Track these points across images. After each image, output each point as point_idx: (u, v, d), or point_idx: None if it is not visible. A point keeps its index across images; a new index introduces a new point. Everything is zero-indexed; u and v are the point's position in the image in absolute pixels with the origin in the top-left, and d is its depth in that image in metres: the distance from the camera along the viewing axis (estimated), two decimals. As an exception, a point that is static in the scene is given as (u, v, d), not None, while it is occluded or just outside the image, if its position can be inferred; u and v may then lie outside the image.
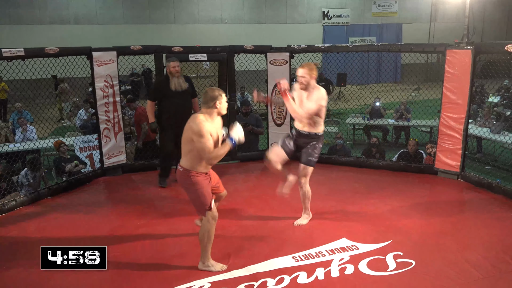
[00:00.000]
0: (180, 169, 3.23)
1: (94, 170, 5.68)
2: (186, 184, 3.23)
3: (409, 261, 3.41)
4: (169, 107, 5.00)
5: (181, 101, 4.98)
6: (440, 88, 5.36)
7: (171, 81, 4.94)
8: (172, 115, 4.96)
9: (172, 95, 4.93)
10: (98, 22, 16.30)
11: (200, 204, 3.25)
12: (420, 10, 19.87)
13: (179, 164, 3.27)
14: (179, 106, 4.96)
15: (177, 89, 4.94)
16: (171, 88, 4.92)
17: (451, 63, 5.15)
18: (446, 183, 5.24)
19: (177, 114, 4.92)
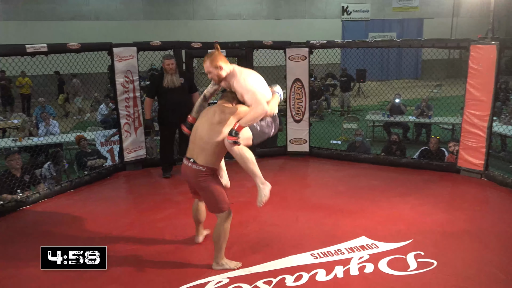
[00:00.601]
0: (193, 165, 3.03)
1: (115, 165, 5.75)
2: (200, 181, 3.04)
3: (430, 261, 3.35)
4: (163, 103, 5.16)
5: (175, 98, 5.05)
6: (463, 84, 5.24)
7: (164, 78, 5.05)
8: (168, 112, 5.11)
9: (166, 91, 5.04)
10: (117, 18, 16.48)
11: (216, 202, 3.08)
12: (442, 4, 19.47)
13: (188, 160, 3.08)
14: (173, 102, 5.06)
15: (169, 86, 5.02)
16: (164, 85, 5.04)
17: (475, 59, 5.03)
18: (469, 181, 5.13)
19: (173, 110, 5.05)
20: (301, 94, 6.13)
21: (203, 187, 3.08)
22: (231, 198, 4.63)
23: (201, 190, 3.13)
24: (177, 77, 5.08)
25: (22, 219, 4.24)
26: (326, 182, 5.21)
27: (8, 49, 4.52)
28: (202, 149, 3.02)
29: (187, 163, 3.08)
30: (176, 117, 4.99)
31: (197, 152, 3.04)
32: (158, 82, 5.09)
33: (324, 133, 7.29)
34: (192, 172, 3.06)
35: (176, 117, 5.00)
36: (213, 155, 3.03)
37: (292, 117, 6.22)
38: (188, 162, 3.07)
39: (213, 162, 3.06)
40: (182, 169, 3.18)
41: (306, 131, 6.21)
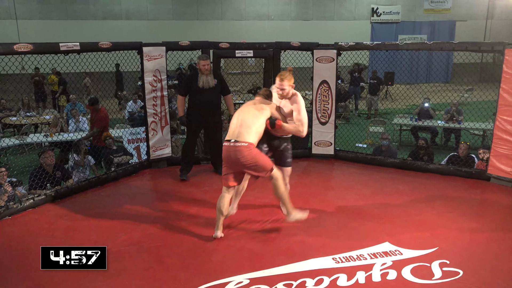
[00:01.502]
0: (235, 144, 3.60)
1: (141, 162, 5.86)
2: (247, 156, 3.58)
3: (456, 270, 3.26)
4: (196, 102, 5.18)
5: (208, 98, 5.14)
6: (496, 89, 5.09)
7: (199, 78, 5.09)
8: (199, 111, 5.17)
9: (199, 91, 5.09)
10: (148, 17, 16.77)
11: (264, 167, 3.66)
12: (475, 6, 18.93)
13: (228, 142, 3.64)
14: (205, 102, 5.15)
15: (204, 86, 5.08)
16: (199, 85, 5.08)
17: (510, 63, 4.87)
18: (500, 190, 4.97)
19: (203, 110, 5.15)
20: (328, 96, 6.08)
21: (247, 159, 3.60)
22: (253, 199, 4.68)
23: (245, 164, 3.63)
24: (212, 78, 5.14)
25: (49, 213, 4.37)
26: (351, 186, 5.15)
27: (43, 47, 4.67)
28: (245, 131, 3.64)
29: (228, 144, 3.64)
30: (206, 117, 5.20)
31: (238, 134, 3.65)
32: (192, 81, 5.16)
33: (349, 136, 7.21)
34: (235, 149, 3.61)
35: (206, 117, 5.20)
36: (253, 134, 3.67)
37: (318, 119, 6.18)
38: (229, 143, 3.64)
39: (253, 139, 3.65)
40: (224, 151, 3.68)
41: (332, 133, 6.16)
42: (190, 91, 5.19)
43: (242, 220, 4.15)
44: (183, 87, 5.35)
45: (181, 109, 5.31)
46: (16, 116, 9.66)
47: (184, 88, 5.30)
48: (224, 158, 3.71)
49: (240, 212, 4.32)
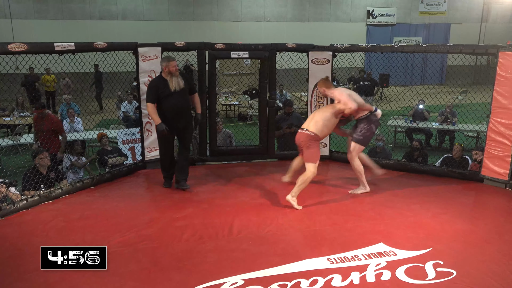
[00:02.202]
0: (306, 132, 4.61)
1: (135, 163, 5.84)
2: (310, 142, 4.57)
3: (449, 270, 3.28)
4: (169, 108, 4.75)
5: (180, 101, 4.79)
6: (489, 91, 5.12)
7: (170, 81, 4.72)
8: (173, 116, 4.77)
9: (171, 95, 4.71)
10: (144, 18, 16.75)
11: (312, 156, 4.55)
12: (471, 10, 19.07)
13: (302, 129, 4.65)
14: (178, 106, 4.79)
15: (176, 89, 4.72)
16: (171, 88, 4.71)
17: (503, 66, 4.91)
18: (493, 191, 5.00)
19: (177, 114, 4.79)
20: (323, 98, 6.09)
21: (308, 146, 4.57)
22: (249, 199, 4.69)
23: (306, 149, 4.59)
24: (181, 79, 4.80)
25: (43, 214, 4.33)
26: (345, 187, 5.17)
27: (38, 47, 4.65)
28: (316, 124, 4.62)
29: (301, 131, 4.66)
30: (179, 123, 4.82)
31: (309, 125, 4.64)
32: (160, 86, 4.71)
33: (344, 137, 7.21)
34: (304, 136, 4.62)
35: (179, 122, 4.82)
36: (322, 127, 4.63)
37: (313, 121, 6.19)
38: (302, 130, 4.66)
39: (320, 132, 4.62)
40: (297, 136, 4.69)
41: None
42: (160, 97, 4.72)
43: (237, 221, 4.15)
44: (152, 94, 4.74)
45: (157, 116, 4.74)
46: (10, 116, 9.61)
47: (155, 94, 4.73)
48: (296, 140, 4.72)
49: (235, 213, 4.33)
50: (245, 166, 5.99)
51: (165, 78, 4.72)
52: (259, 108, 6.30)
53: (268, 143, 6.15)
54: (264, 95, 6.09)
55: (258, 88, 6.32)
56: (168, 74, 4.71)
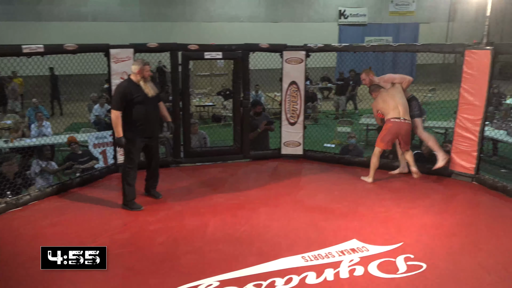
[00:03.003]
0: (407, 121, 5.17)
1: (107, 167, 5.75)
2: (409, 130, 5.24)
3: (420, 264, 3.37)
4: (140, 116, 4.36)
5: (153, 108, 4.51)
6: (457, 89, 5.28)
7: (146, 86, 4.38)
8: (145, 125, 4.42)
9: (143, 101, 4.35)
10: (115, 19, 16.48)
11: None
12: (438, 9, 19.58)
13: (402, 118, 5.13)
14: (151, 114, 4.48)
15: (149, 95, 4.39)
16: (147, 93, 4.38)
17: (469, 63, 5.07)
18: (460, 185, 5.16)
19: (150, 123, 4.48)
20: (297, 97, 6.16)
21: (409, 135, 5.23)
22: (224, 200, 4.69)
23: (407, 137, 5.25)
24: (153, 84, 4.53)
25: (11, 222, 4.20)
26: (319, 185, 5.23)
27: (4, 49, 4.52)
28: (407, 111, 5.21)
29: (404, 121, 5.16)
30: (153, 130, 4.58)
31: (404, 114, 5.16)
32: (129, 92, 4.32)
33: (318, 136, 7.32)
34: (408, 126, 5.17)
35: (151, 132, 4.56)
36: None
37: (287, 120, 6.25)
38: (403, 120, 5.15)
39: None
40: (397, 126, 5.13)
41: (301, 134, 6.24)
42: (129, 104, 4.32)
43: (212, 222, 4.15)
44: (120, 100, 4.30)
45: (121, 128, 4.31)
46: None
47: (122, 101, 4.30)
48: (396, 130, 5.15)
49: (210, 214, 4.32)
50: (220, 167, 5.99)
51: (136, 83, 4.39)
52: (233, 108, 6.31)
53: (243, 143, 6.17)
54: (238, 95, 6.10)
55: (232, 89, 6.32)
56: (141, 78, 4.40)
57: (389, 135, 5.21)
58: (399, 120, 5.14)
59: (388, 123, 5.21)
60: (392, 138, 5.24)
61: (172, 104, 5.91)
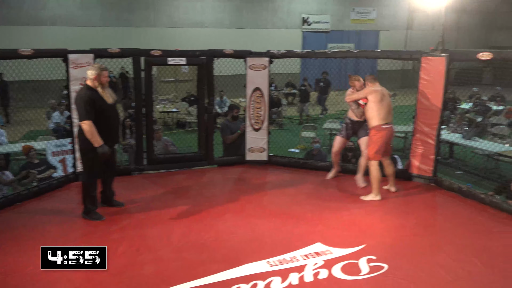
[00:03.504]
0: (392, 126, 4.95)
1: (67, 175, 5.56)
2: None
3: (381, 265, 3.45)
4: (105, 123, 4.22)
5: (115, 114, 4.40)
6: (415, 94, 5.47)
7: (103, 93, 4.22)
8: (110, 132, 4.30)
9: (107, 108, 4.23)
10: (75, 24, 16.04)
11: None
12: (397, 18, 20.28)
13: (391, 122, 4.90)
14: (114, 120, 4.39)
15: (111, 101, 4.29)
16: (107, 100, 4.23)
17: (426, 70, 5.26)
18: (419, 187, 5.33)
19: (114, 130, 4.39)
20: (261, 103, 6.19)
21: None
22: (189, 207, 4.64)
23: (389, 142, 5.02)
24: (111, 91, 4.38)
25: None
26: (284, 190, 5.27)
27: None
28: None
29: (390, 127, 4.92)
30: (115, 138, 4.49)
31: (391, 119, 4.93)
32: (94, 99, 4.15)
33: (283, 141, 7.38)
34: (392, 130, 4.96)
35: (114, 139, 4.46)
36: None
37: (251, 126, 6.26)
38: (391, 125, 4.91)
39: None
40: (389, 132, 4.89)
41: (265, 139, 6.27)
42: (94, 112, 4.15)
43: (177, 229, 4.09)
44: (90, 108, 4.11)
45: (99, 136, 4.13)
46: None
47: (92, 108, 4.12)
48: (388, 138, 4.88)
49: (174, 222, 4.26)
50: (184, 173, 5.92)
51: (95, 89, 4.22)
52: (197, 114, 6.26)
53: (208, 149, 6.13)
54: (202, 101, 6.07)
55: (197, 95, 6.28)
56: (99, 85, 4.21)
57: (383, 144, 4.85)
58: (389, 126, 4.92)
59: (381, 130, 4.82)
60: (383, 146, 4.89)
61: (135, 110, 5.82)
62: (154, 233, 4.02)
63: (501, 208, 4.57)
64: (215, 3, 17.76)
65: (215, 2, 17.75)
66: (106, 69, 4.31)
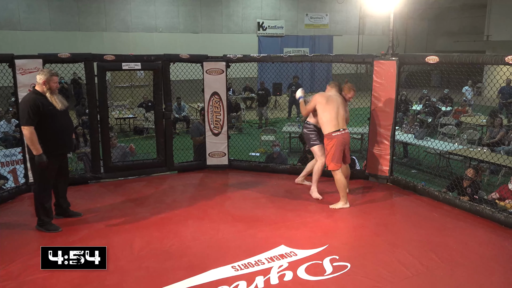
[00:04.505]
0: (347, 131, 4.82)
1: (18, 186, 5.28)
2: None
3: (344, 264, 3.52)
4: (54, 130, 4.07)
5: (66, 121, 4.22)
6: (369, 97, 5.64)
7: (53, 98, 4.04)
8: (59, 140, 4.14)
9: (55, 114, 4.06)
10: (22, 28, 15.32)
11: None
12: (349, 23, 20.94)
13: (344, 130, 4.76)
14: (65, 127, 4.19)
15: (61, 108, 4.09)
16: (56, 106, 4.05)
17: (378, 73, 5.45)
18: (377, 187, 5.50)
19: (64, 137, 4.20)
20: (219, 107, 6.16)
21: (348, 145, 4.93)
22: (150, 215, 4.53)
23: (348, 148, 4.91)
24: (62, 96, 4.22)
25: None
26: (246, 194, 5.27)
27: None
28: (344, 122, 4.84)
29: (346, 131, 4.82)
30: (64, 148, 4.31)
31: (343, 124, 4.79)
32: (39, 105, 3.96)
33: (243, 145, 7.39)
34: (348, 135, 4.83)
35: (64, 147, 4.29)
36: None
37: (211, 131, 6.22)
38: (346, 131, 4.81)
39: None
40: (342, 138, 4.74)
41: (225, 144, 6.25)
42: (41, 118, 3.98)
43: (138, 238, 3.98)
44: (33, 114, 3.92)
45: (39, 145, 3.95)
46: None
47: (35, 115, 3.93)
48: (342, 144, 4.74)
49: (135, 230, 4.15)
50: (144, 180, 5.78)
51: (44, 95, 4.04)
52: (155, 120, 6.15)
53: (167, 155, 6.02)
54: (159, 107, 5.96)
55: (153, 100, 6.17)
56: (48, 90, 4.03)
57: (337, 151, 4.73)
58: (341, 132, 4.73)
59: (332, 138, 4.72)
60: (340, 153, 4.75)
61: (89, 117, 5.63)
62: (115, 243, 3.88)
63: (454, 204, 4.80)
64: (169, 7, 17.58)
65: (169, 7, 17.57)
66: (56, 74, 4.15)
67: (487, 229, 4.27)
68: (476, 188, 5.67)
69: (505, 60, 4.14)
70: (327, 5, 20.36)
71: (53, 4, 15.74)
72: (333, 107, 4.76)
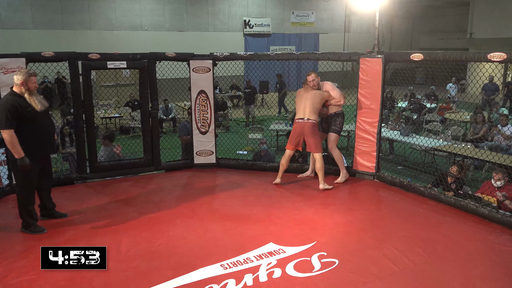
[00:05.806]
0: (312, 120, 5.20)
1: (2, 188, 5.19)
2: (314, 131, 5.23)
3: (332, 260, 3.55)
4: (35, 132, 3.99)
5: (47, 122, 4.14)
6: (356, 94, 5.69)
7: (32, 99, 3.93)
8: (41, 142, 4.06)
9: (36, 116, 3.96)
10: (3, 26, 15.04)
11: (319, 144, 5.27)
12: (335, 21, 21.04)
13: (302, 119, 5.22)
14: (46, 129, 4.10)
15: (41, 109, 3.99)
16: (35, 107, 3.94)
17: (364, 70, 5.49)
18: (364, 183, 5.55)
19: (45, 139, 4.11)
20: (206, 105, 6.15)
21: (314, 134, 5.22)
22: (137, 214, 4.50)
23: (312, 137, 5.20)
24: (42, 97, 4.13)
25: None
26: (234, 192, 5.26)
27: None
28: (312, 112, 5.21)
29: (304, 121, 5.23)
30: (49, 148, 4.21)
31: (308, 114, 5.21)
32: (21, 106, 3.87)
33: (230, 144, 7.38)
34: (309, 125, 5.20)
35: (46, 149, 4.18)
36: (316, 115, 5.28)
37: (198, 129, 6.20)
38: (304, 120, 5.23)
39: (317, 119, 5.28)
40: (299, 126, 5.25)
41: (212, 142, 6.24)
42: (21, 119, 3.88)
43: (126, 238, 3.95)
44: (11, 116, 3.81)
45: (20, 147, 3.84)
46: None
47: (14, 117, 3.82)
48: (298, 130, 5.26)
49: (123, 231, 4.12)
50: (131, 180, 5.74)
51: (22, 96, 3.94)
52: (141, 119, 6.10)
53: (154, 154, 5.98)
54: (146, 106, 5.92)
55: (139, 99, 6.12)
56: (27, 91, 3.92)
57: (293, 135, 5.39)
58: (300, 121, 5.28)
59: (294, 124, 5.44)
60: (295, 139, 5.35)
61: (74, 117, 5.57)
62: (103, 243, 3.81)
63: (440, 199, 4.87)
64: (154, 5, 17.43)
65: (154, 5, 17.42)
66: (35, 74, 4.05)
67: (472, 223, 4.34)
68: (461, 183, 5.75)
69: (487, 58, 4.22)
70: (313, 3, 20.42)
71: (36, 2, 15.48)
72: (299, 100, 5.41)
